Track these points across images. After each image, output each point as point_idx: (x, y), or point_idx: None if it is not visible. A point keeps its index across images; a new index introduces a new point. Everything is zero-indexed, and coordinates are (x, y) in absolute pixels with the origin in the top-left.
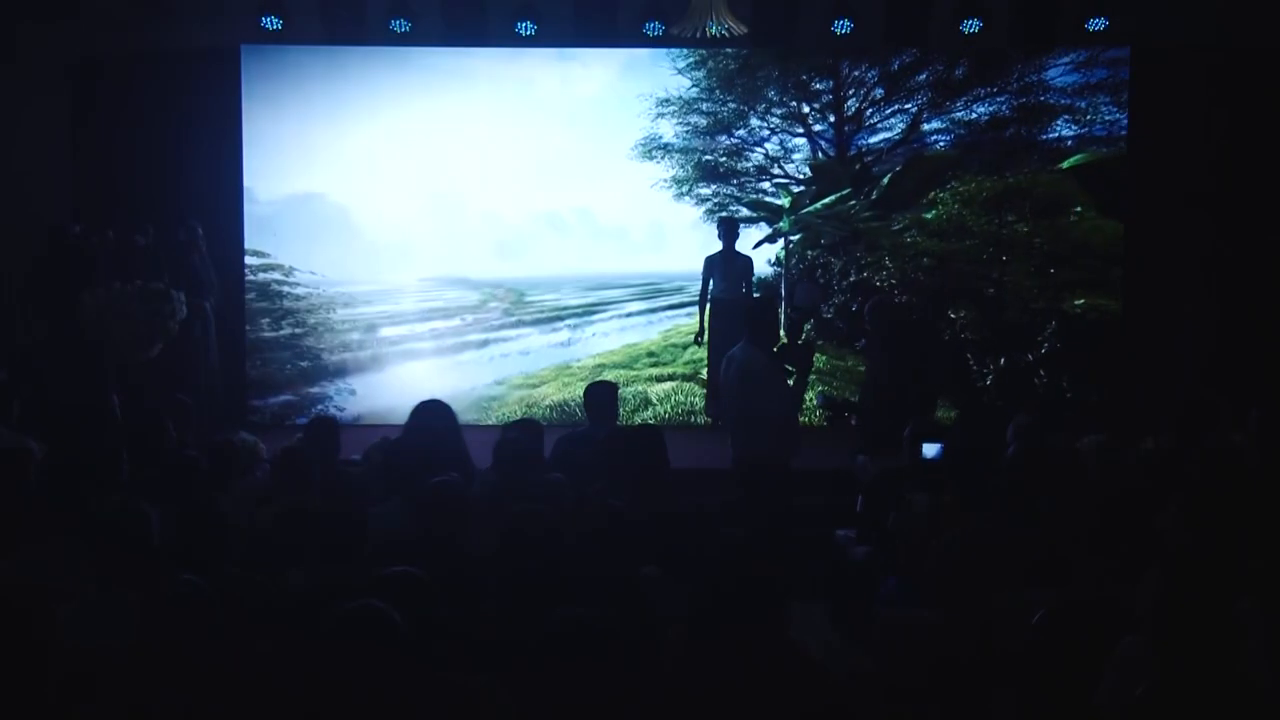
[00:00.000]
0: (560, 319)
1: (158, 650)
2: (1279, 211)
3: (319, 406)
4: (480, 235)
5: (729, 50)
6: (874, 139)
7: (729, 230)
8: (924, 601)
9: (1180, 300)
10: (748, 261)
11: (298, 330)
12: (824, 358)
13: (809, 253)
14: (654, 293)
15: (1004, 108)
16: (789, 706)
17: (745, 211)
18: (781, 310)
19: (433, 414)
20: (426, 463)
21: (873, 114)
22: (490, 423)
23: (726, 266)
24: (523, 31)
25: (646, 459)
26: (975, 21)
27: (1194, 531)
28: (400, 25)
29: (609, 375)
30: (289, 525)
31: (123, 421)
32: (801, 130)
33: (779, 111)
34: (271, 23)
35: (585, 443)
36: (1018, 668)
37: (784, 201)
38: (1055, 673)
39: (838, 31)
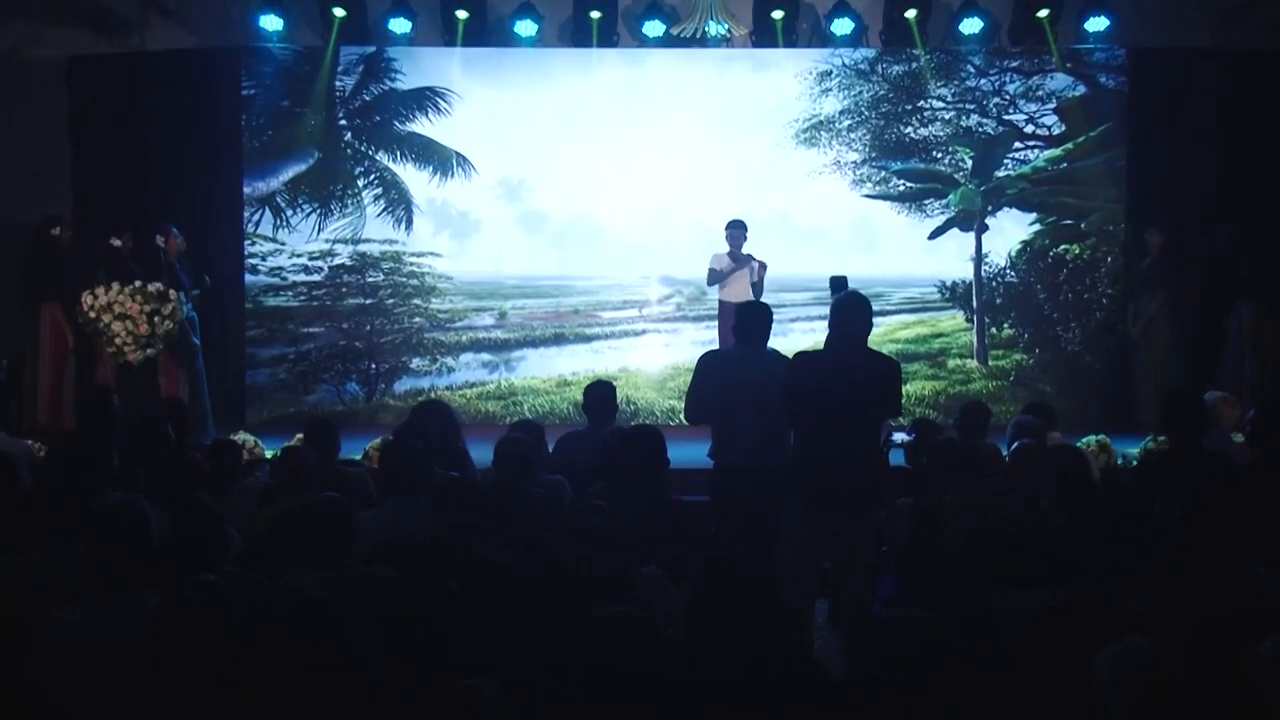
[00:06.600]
0: (714, 318)
1: (157, 651)
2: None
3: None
4: (690, 240)
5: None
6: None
7: (736, 233)
8: (923, 601)
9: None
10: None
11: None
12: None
13: (1060, 249)
14: None
15: None
16: (789, 707)
17: (905, 186)
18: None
19: (432, 415)
20: (426, 463)
21: None
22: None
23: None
24: (522, 31)
25: (646, 458)
26: (977, 20)
27: (1196, 532)
28: (400, 25)
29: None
30: (289, 525)
31: (123, 421)
32: (1054, 62)
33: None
34: (272, 22)
35: (585, 442)
36: (1018, 668)
37: (965, 159)
38: (1055, 673)
39: (838, 32)
